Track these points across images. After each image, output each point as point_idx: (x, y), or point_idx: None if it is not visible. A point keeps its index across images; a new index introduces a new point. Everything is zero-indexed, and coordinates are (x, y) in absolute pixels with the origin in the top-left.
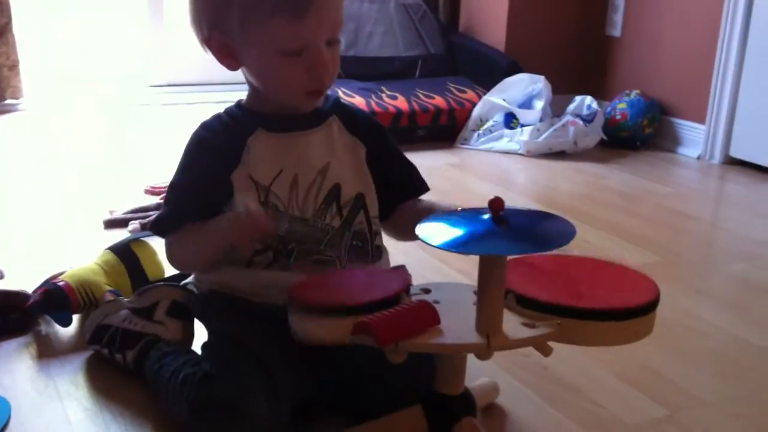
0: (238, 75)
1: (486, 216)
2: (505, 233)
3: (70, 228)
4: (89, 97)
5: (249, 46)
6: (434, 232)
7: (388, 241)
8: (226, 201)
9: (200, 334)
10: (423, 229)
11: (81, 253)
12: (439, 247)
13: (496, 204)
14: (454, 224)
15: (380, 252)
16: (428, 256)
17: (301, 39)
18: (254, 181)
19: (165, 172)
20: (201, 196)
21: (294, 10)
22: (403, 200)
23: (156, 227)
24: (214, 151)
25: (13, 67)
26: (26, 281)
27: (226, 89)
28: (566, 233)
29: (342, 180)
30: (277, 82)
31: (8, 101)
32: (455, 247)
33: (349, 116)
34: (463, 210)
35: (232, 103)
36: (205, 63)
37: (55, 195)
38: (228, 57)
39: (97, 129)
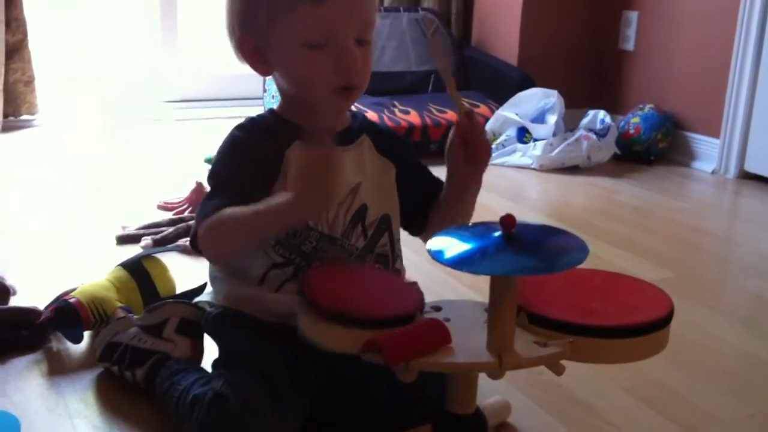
0: (251, 90)
1: (497, 233)
2: (515, 252)
3: (83, 243)
4: (103, 112)
5: (277, 44)
6: (444, 247)
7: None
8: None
9: (210, 350)
10: (433, 245)
11: (93, 269)
12: (446, 264)
13: (507, 221)
14: (464, 240)
15: (398, 273)
16: (440, 272)
17: (326, 28)
18: None
19: (178, 188)
20: (246, 191)
21: None
22: (431, 207)
23: (198, 219)
24: (254, 151)
25: (29, 83)
26: (38, 297)
27: (239, 104)
28: (578, 253)
29: (369, 201)
30: (303, 79)
31: (24, 117)
32: (464, 265)
33: (377, 135)
34: (475, 225)
35: (264, 111)
36: (219, 78)
37: (67, 210)
38: (259, 62)
39: (111, 144)
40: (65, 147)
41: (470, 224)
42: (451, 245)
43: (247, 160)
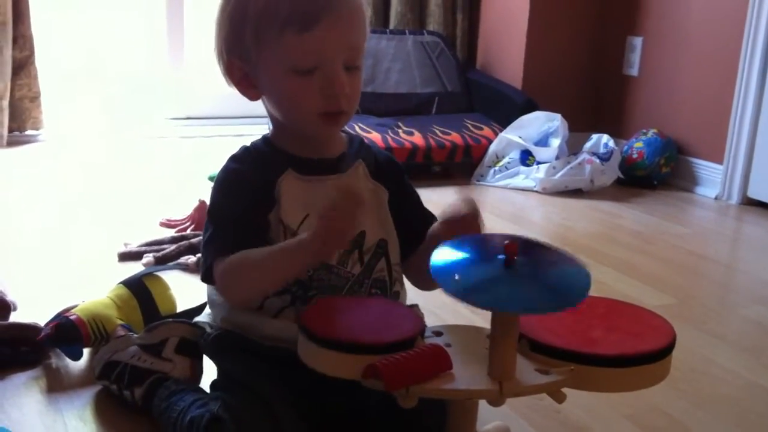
0: (255, 108)
1: (500, 258)
2: (517, 284)
3: (85, 260)
4: (107, 129)
5: (264, 69)
6: (446, 274)
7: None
8: (263, 239)
9: (209, 371)
10: (435, 272)
11: (94, 285)
12: (449, 293)
13: (510, 249)
14: (467, 267)
15: (397, 297)
16: (441, 295)
17: (313, 54)
18: (283, 224)
19: (181, 205)
20: (249, 224)
21: (303, 21)
22: (418, 243)
23: (211, 257)
24: (249, 185)
25: (35, 98)
26: (38, 314)
27: (243, 122)
28: (579, 288)
29: (366, 226)
30: (290, 104)
31: (29, 132)
32: (465, 296)
33: (373, 160)
34: (480, 242)
35: (258, 136)
36: (223, 96)
37: (70, 226)
38: (248, 87)
39: (115, 161)
40: (69, 162)
41: (473, 241)
42: (453, 272)
43: (242, 192)
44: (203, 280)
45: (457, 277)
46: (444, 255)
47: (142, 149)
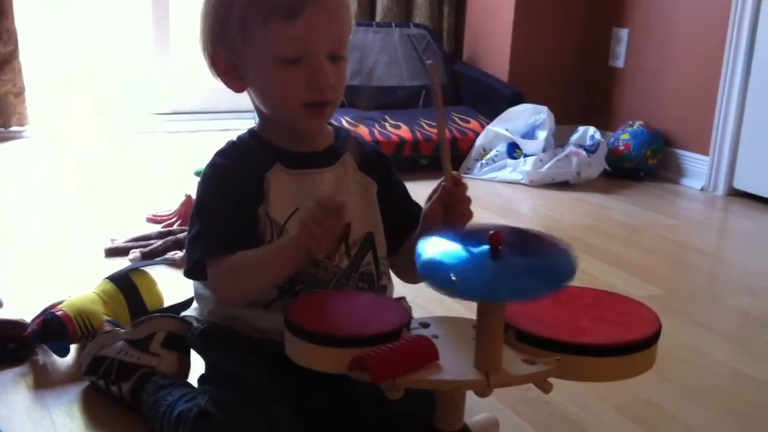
0: (241, 103)
1: (484, 249)
2: (502, 273)
3: (71, 256)
4: (92, 125)
5: (250, 59)
6: (432, 269)
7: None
8: (251, 235)
9: (196, 365)
10: (421, 266)
11: (81, 281)
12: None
13: (495, 239)
14: (451, 259)
15: (385, 290)
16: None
17: (297, 44)
18: (270, 218)
19: (168, 201)
20: (236, 220)
21: (288, 10)
22: (406, 236)
23: (197, 253)
24: (237, 180)
25: (19, 94)
26: (25, 310)
27: (229, 117)
28: (564, 273)
29: (352, 219)
30: (275, 95)
31: (14, 128)
32: (450, 291)
33: (360, 153)
34: (465, 234)
35: (244, 131)
36: (209, 91)
37: (56, 222)
38: (234, 78)
39: (100, 156)
40: (54, 158)
41: (458, 233)
42: (439, 266)
43: (230, 188)
44: (187, 275)
45: (453, 277)
46: (429, 251)
47: (128, 145)
